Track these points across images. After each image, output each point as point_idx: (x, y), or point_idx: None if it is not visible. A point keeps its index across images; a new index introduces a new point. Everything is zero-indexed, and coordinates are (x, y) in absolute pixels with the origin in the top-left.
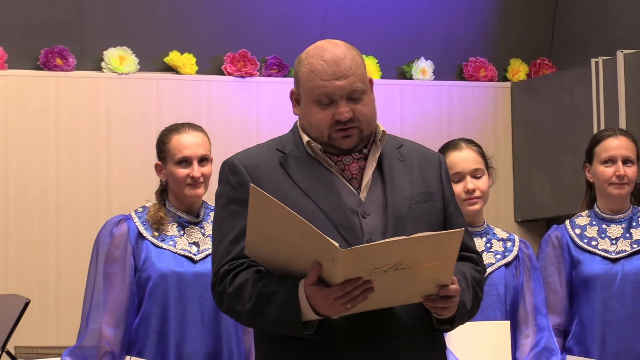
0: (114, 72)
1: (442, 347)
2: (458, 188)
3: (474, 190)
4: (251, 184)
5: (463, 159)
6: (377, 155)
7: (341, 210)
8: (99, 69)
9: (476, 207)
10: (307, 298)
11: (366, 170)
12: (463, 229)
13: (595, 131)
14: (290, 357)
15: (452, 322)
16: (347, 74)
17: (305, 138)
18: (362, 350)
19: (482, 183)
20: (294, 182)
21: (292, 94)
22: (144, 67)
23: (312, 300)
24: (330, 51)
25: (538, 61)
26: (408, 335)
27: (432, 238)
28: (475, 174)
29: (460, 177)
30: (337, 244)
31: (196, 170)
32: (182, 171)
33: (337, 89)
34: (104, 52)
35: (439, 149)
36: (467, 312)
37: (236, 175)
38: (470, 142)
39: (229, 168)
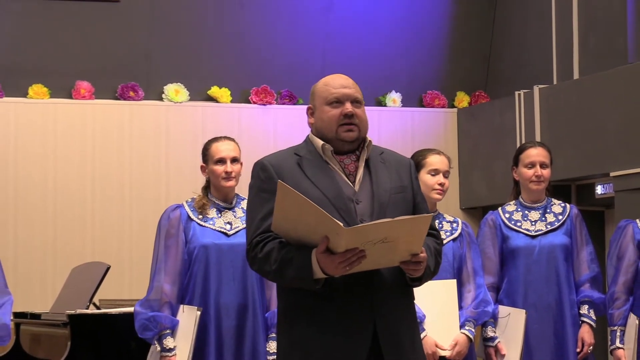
0: (171, 102)
1: (412, 297)
2: (432, 180)
3: (443, 184)
4: (279, 181)
5: (441, 161)
6: (365, 158)
7: (341, 198)
8: (161, 99)
9: (441, 197)
10: (317, 262)
11: (358, 169)
12: (432, 214)
13: (518, 144)
14: (303, 304)
15: (420, 280)
16: (351, 86)
17: (320, 142)
18: (356, 299)
19: (448, 181)
20: (307, 177)
21: (308, 109)
22: (193, 97)
23: (321, 264)
24: (338, 75)
25: (477, 93)
26: (389, 289)
27: (410, 220)
28: (445, 174)
29: (436, 173)
30: (342, 224)
31: (229, 167)
32: (219, 168)
33: (344, 94)
34: (164, 87)
35: (420, 152)
36: (431, 273)
37: (265, 172)
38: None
39: (260, 167)
